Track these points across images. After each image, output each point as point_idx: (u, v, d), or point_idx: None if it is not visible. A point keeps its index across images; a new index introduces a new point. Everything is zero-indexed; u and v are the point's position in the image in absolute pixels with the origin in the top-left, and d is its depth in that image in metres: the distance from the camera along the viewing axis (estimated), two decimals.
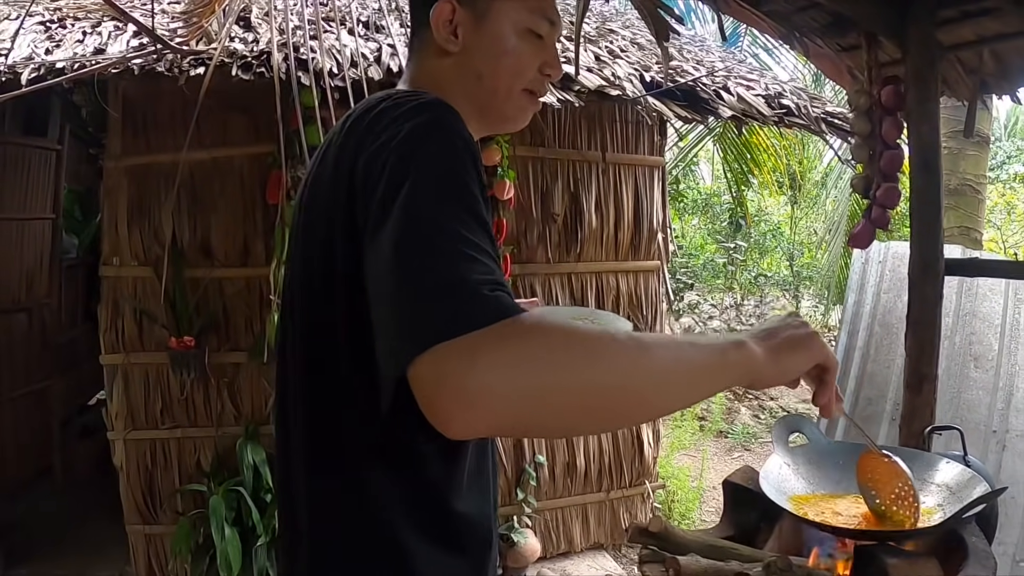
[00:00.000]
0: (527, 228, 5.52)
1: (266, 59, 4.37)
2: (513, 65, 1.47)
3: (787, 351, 1.22)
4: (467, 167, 1.17)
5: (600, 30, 6.34)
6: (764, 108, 5.37)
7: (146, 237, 4.92)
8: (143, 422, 5.04)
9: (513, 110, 1.52)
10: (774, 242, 13.22)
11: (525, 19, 1.46)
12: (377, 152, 1.19)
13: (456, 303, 1.00)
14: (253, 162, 4.91)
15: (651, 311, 5.95)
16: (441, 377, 0.96)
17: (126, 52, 4.40)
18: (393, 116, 1.24)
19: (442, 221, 1.08)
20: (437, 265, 1.04)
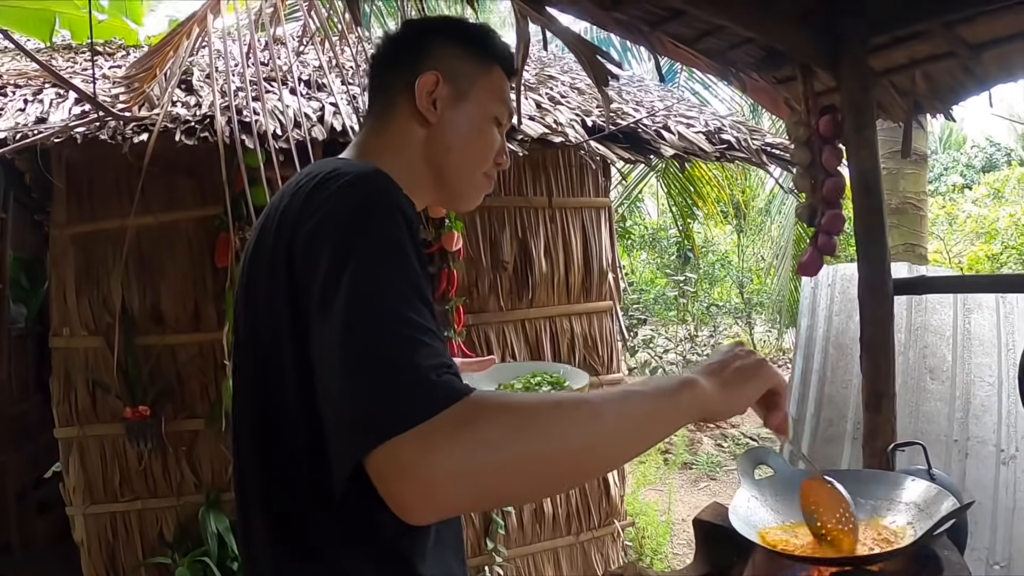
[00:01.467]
0: (478, 278, 5.53)
1: (209, 123, 4.36)
2: (481, 147, 1.56)
3: (738, 383, 1.26)
4: (406, 241, 1.19)
5: (539, 76, 6.40)
6: (705, 144, 5.44)
7: (95, 306, 4.86)
8: (102, 495, 4.95)
9: (470, 189, 1.59)
10: (723, 271, 13.35)
11: (495, 108, 1.57)
12: (317, 227, 1.21)
13: (407, 393, 1.02)
14: (200, 225, 4.87)
15: (606, 351, 5.97)
16: (399, 470, 0.98)
17: (68, 120, 4.37)
18: (332, 189, 1.25)
19: (387, 305, 1.10)
20: (385, 354, 1.05)
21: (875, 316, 3.16)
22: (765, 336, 13.70)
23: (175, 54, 4.69)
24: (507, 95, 1.60)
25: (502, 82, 1.59)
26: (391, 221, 1.20)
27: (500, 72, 1.59)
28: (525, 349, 5.68)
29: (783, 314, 12.05)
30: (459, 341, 5.30)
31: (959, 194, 17.25)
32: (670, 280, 12.77)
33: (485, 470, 1.01)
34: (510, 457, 1.02)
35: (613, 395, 1.15)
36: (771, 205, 13.36)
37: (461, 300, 5.33)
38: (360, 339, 1.07)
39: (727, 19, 2.89)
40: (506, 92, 1.60)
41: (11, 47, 7.13)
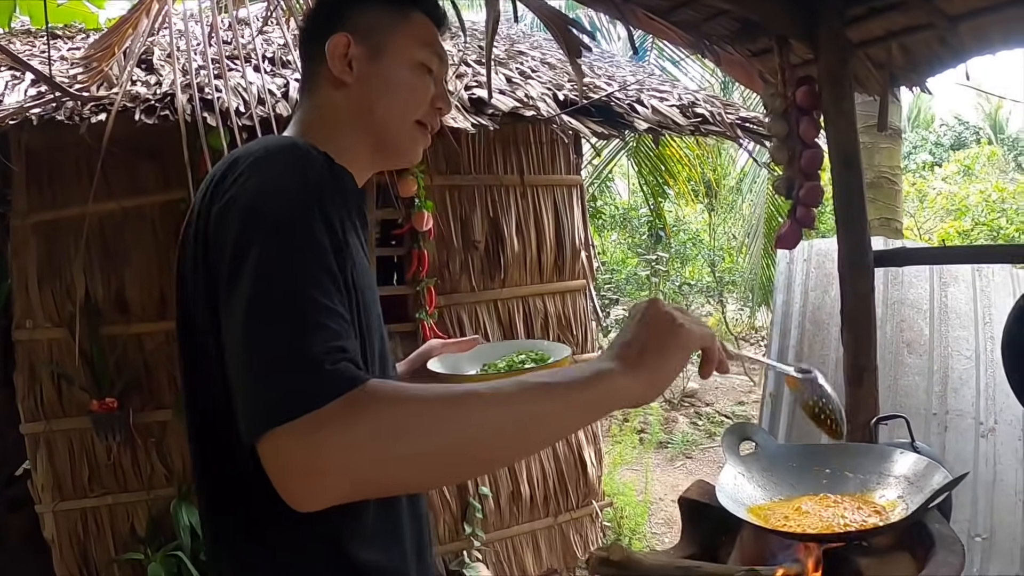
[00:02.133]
0: (449, 258, 5.46)
1: (170, 101, 4.24)
2: (405, 98, 1.52)
3: (658, 363, 1.17)
4: (313, 217, 1.17)
5: (509, 52, 6.32)
6: (679, 118, 5.36)
7: (59, 296, 4.76)
8: (71, 492, 4.86)
9: (406, 142, 1.55)
10: (695, 250, 13.35)
11: (417, 54, 1.52)
12: (224, 210, 1.21)
13: (296, 382, 1.02)
14: (165, 209, 4.78)
15: (580, 330, 5.95)
16: (283, 458, 1.01)
17: (24, 102, 4.26)
18: (241, 169, 1.24)
19: (289, 287, 1.10)
20: (280, 340, 1.05)
21: (856, 289, 3.13)
22: (737, 315, 13.74)
23: (134, 31, 4.56)
24: (432, 39, 1.56)
25: (424, 28, 1.55)
26: (296, 199, 1.19)
27: (422, 18, 1.55)
28: (498, 330, 5.62)
29: (755, 292, 12.08)
30: (431, 323, 5.24)
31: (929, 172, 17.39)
32: (642, 260, 12.76)
33: (370, 462, 1.02)
34: (396, 451, 1.03)
35: (515, 387, 1.12)
36: (742, 184, 13.36)
37: (432, 281, 5.26)
38: (257, 324, 1.08)
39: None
40: (431, 37, 1.56)
41: None
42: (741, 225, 13.52)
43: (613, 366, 1.14)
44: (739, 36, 3.29)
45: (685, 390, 10.83)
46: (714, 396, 11.04)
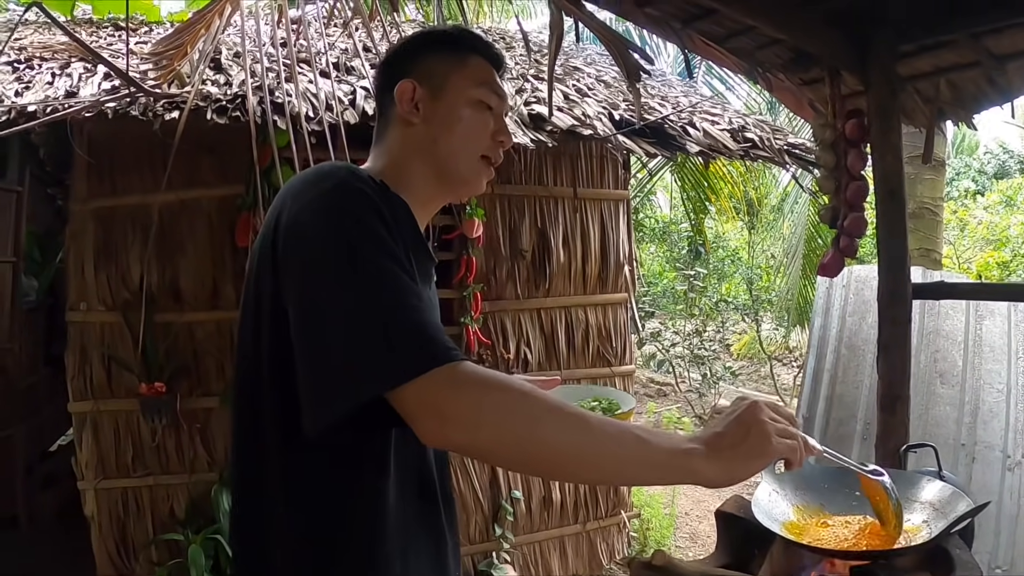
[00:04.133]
0: (496, 265, 5.56)
1: (241, 103, 4.36)
2: (466, 131, 1.62)
3: (740, 462, 1.26)
4: (379, 229, 1.33)
5: (566, 68, 6.40)
6: (730, 142, 5.44)
7: (113, 281, 4.87)
8: (114, 470, 4.95)
9: (469, 172, 1.66)
10: (733, 267, 13.29)
11: (476, 92, 1.63)
12: (292, 225, 1.36)
13: (433, 343, 1.21)
14: (222, 204, 4.88)
15: (620, 342, 6.01)
16: (430, 399, 1.19)
17: (98, 95, 4.36)
18: (300, 188, 1.41)
19: (384, 275, 1.27)
20: (405, 312, 1.23)
21: (893, 319, 3.17)
22: (771, 334, 13.67)
23: (207, 32, 4.67)
24: (489, 79, 1.65)
25: (480, 69, 1.66)
26: (369, 215, 1.34)
27: (478, 60, 1.66)
28: (540, 338, 5.72)
29: (791, 313, 12.00)
30: (475, 328, 5.32)
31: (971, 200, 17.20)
32: (680, 274, 12.74)
33: (490, 428, 1.20)
34: (510, 428, 1.20)
35: (616, 429, 1.25)
36: (784, 203, 13.33)
37: (479, 287, 5.37)
38: (369, 302, 1.24)
39: (759, 20, 2.90)
40: (488, 76, 1.66)
41: (34, 19, 7.16)
42: (780, 244, 13.47)
43: (702, 449, 1.25)
44: (791, 65, 3.35)
45: (716, 407, 10.81)
46: None
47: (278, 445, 1.40)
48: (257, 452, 1.45)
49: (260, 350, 1.41)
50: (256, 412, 1.44)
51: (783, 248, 12.86)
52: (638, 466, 1.25)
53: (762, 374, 13.24)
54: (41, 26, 6.63)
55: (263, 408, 1.42)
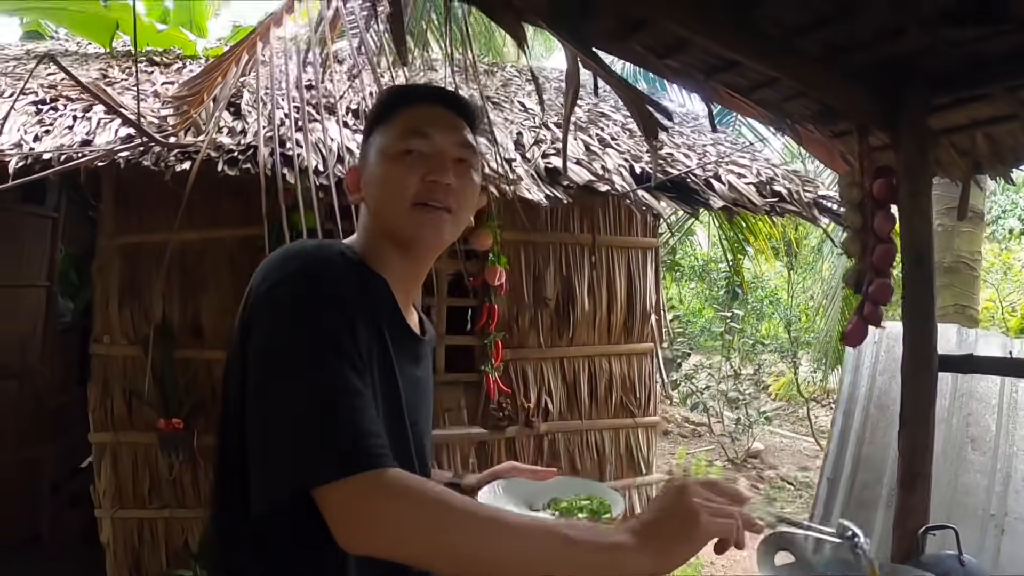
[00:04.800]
0: (519, 313, 5.52)
1: (252, 154, 4.38)
2: (388, 186, 1.57)
3: (673, 548, 1.23)
4: (335, 318, 1.34)
5: (592, 114, 6.35)
6: (755, 197, 5.33)
7: (137, 316, 4.94)
8: (131, 501, 5.02)
9: (410, 227, 1.56)
10: (771, 308, 13.15)
11: (397, 145, 1.57)
12: (258, 305, 1.38)
13: (357, 449, 1.22)
14: (244, 244, 4.90)
15: (644, 393, 5.94)
16: (345, 506, 1.22)
17: (114, 142, 4.42)
18: (268, 269, 1.41)
19: (325, 373, 1.28)
20: (340, 415, 1.25)
21: (917, 392, 3.07)
22: (810, 376, 13.50)
23: (223, 80, 4.70)
24: (415, 125, 1.59)
25: (406, 119, 1.60)
26: (323, 307, 1.34)
27: (406, 112, 1.62)
28: (562, 388, 5.66)
29: (829, 355, 11.83)
30: (496, 376, 5.29)
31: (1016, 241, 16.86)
32: (717, 315, 12.62)
33: (403, 536, 1.20)
34: (422, 536, 1.21)
35: (539, 529, 1.26)
36: (824, 244, 13.16)
37: (500, 335, 5.34)
38: (304, 399, 1.26)
39: (781, 74, 2.83)
40: (413, 124, 1.59)
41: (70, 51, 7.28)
42: (820, 286, 13.29)
43: (630, 541, 1.21)
44: (820, 117, 3.27)
45: (750, 450, 10.68)
46: (779, 459, 10.86)
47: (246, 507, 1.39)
48: (232, 504, 1.45)
49: (233, 416, 1.42)
50: (231, 472, 1.44)
51: (822, 289, 12.68)
52: (567, 566, 1.23)
53: (799, 416, 13.06)
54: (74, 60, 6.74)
55: (236, 470, 1.41)
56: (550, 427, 5.60)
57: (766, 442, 11.39)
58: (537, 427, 5.52)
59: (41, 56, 4.35)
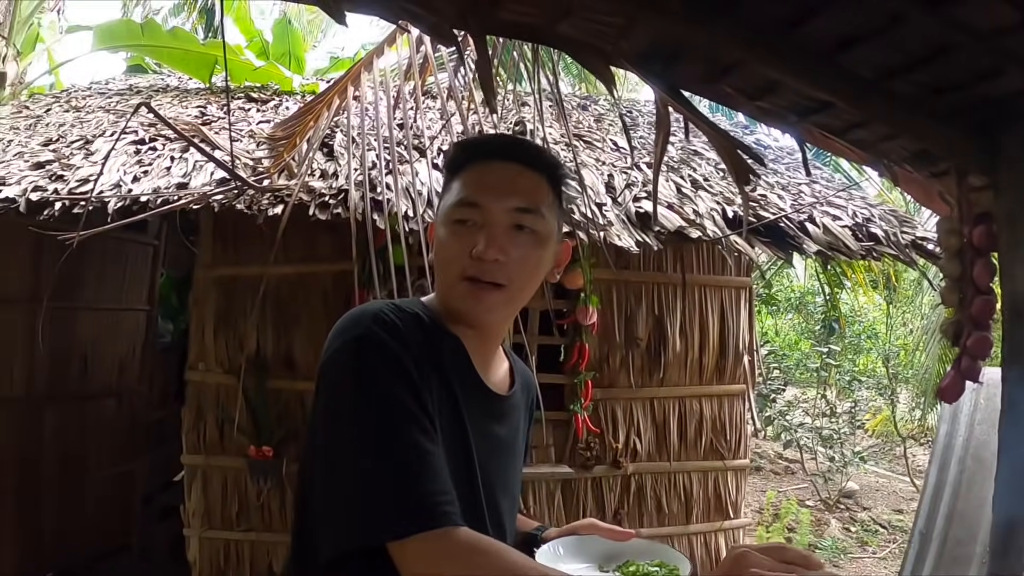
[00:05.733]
0: (610, 352, 5.47)
1: (343, 199, 4.45)
2: (443, 256, 1.57)
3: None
4: (390, 381, 1.37)
5: (684, 152, 6.27)
6: (851, 241, 5.15)
7: (231, 346, 5.06)
8: (219, 522, 5.14)
9: (456, 300, 1.55)
10: (869, 343, 12.86)
11: (451, 213, 1.56)
12: (323, 366, 1.45)
13: (432, 504, 1.29)
14: (338, 278, 4.96)
15: (734, 436, 5.83)
16: (421, 557, 1.29)
17: (209, 184, 4.55)
18: (336, 332, 1.46)
19: (394, 431, 1.33)
20: (411, 472, 1.31)
21: (1013, 461, 2.94)
22: (908, 414, 13.16)
23: (316, 123, 4.77)
24: (467, 190, 1.56)
25: (463, 184, 1.58)
26: (386, 373, 1.38)
27: (465, 174, 1.59)
28: (651, 429, 5.60)
29: (929, 392, 11.50)
30: (585, 416, 5.25)
31: None
32: (814, 350, 12.37)
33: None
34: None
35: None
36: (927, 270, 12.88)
37: (591, 375, 5.30)
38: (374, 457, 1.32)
39: (873, 117, 2.74)
40: (467, 189, 1.57)
41: (171, 87, 7.50)
42: (920, 320, 12.96)
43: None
44: (917, 158, 3.15)
45: (843, 490, 10.43)
46: (873, 500, 10.59)
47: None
48: (308, 545, 1.50)
49: (310, 469, 1.48)
50: (309, 516, 1.47)
51: (922, 324, 12.37)
52: None
53: (896, 454, 12.74)
54: (175, 96, 6.94)
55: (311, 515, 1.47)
56: (638, 468, 5.53)
57: (861, 481, 11.12)
58: (625, 467, 5.46)
59: (137, 105, 4.46)
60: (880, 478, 11.86)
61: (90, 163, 4.93)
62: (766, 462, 12.14)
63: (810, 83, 2.50)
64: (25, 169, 4.83)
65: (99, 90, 7.75)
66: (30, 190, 4.47)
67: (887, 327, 13.51)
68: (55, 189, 4.52)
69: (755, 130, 8.15)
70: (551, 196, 1.61)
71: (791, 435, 10.80)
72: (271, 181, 4.57)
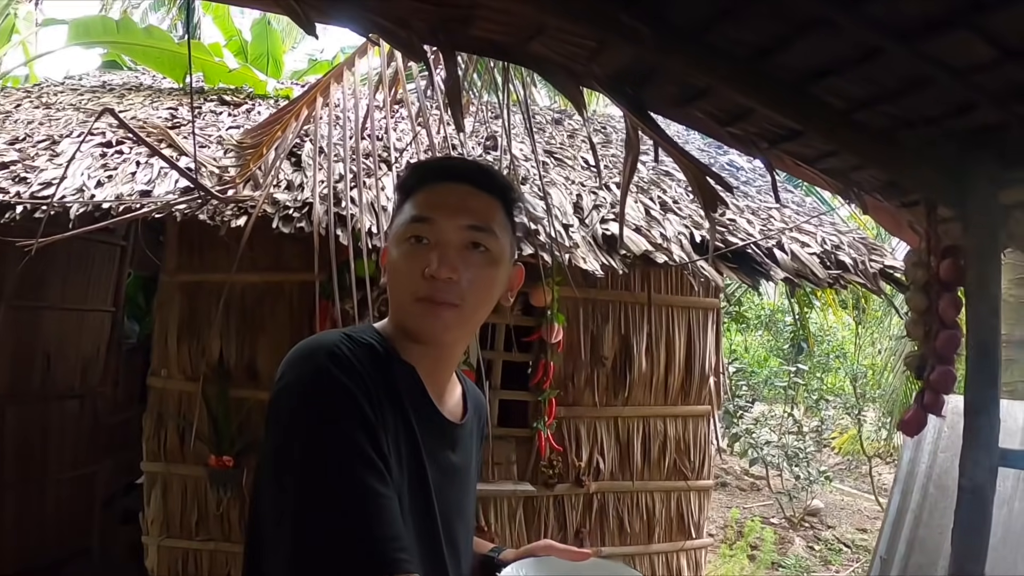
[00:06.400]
0: (575, 370, 5.45)
1: (307, 212, 4.42)
2: (396, 277, 1.52)
3: None
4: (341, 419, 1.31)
5: (656, 172, 6.28)
6: (818, 268, 5.18)
7: (194, 353, 5.00)
8: (178, 530, 5.08)
9: (413, 320, 1.51)
10: (837, 363, 12.92)
11: (401, 231, 1.53)
12: (272, 402, 1.38)
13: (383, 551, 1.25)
14: (304, 288, 4.90)
15: (699, 456, 5.82)
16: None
17: (173, 192, 4.51)
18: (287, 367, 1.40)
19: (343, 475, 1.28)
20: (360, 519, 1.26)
21: (973, 489, 2.93)
22: (874, 433, 13.20)
23: (283, 135, 4.74)
24: (421, 209, 1.53)
25: (418, 202, 1.54)
26: (337, 412, 1.32)
27: (421, 193, 1.56)
28: (615, 448, 5.58)
29: (896, 412, 11.55)
30: (548, 433, 5.24)
31: None
32: (783, 369, 12.42)
33: None
34: None
35: None
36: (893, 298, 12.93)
37: (555, 392, 5.29)
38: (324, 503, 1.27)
39: (843, 148, 2.73)
40: (420, 207, 1.53)
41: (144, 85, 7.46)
42: (888, 341, 13.02)
43: None
44: (888, 188, 3.15)
45: (808, 508, 10.46)
46: (837, 519, 10.64)
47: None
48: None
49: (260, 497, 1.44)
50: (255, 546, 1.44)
51: (890, 345, 12.42)
52: None
53: (861, 472, 12.81)
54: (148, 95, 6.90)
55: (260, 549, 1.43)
56: (600, 487, 5.51)
57: (826, 500, 11.17)
58: (587, 486, 5.44)
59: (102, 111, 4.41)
60: (845, 496, 11.92)
61: (54, 165, 4.86)
62: (732, 478, 12.18)
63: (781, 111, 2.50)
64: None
65: (72, 86, 7.69)
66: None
67: (856, 347, 13.57)
68: (17, 192, 4.46)
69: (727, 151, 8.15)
70: (503, 217, 1.59)
71: (758, 452, 10.82)
72: (236, 191, 4.53)
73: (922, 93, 2.36)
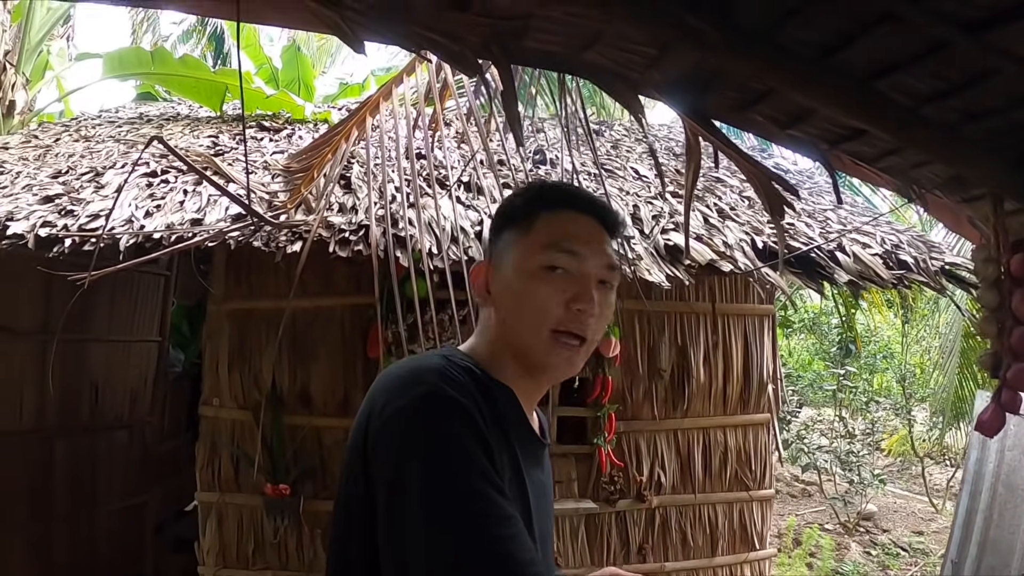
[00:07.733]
0: (633, 384, 5.38)
1: (364, 235, 4.36)
2: (527, 305, 1.47)
3: None
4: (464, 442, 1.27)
5: (708, 179, 6.18)
6: (882, 269, 5.03)
7: (246, 381, 4.97)
8: (234, 560, 5.03)
9: (544, 354, 1.48)
10: (885, 363, 12.75)
11: (539, 259, 1.48)
12: (380, 429, 1.32)
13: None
14: (355, 313, 4.90)
15: (759, 465, 5.72)
16: None
17: (224, 219, 4.46)
18: (391, 392, 1.34)
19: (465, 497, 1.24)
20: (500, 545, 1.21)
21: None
22: (925, 434, 13.01)
23: (333, 157, 4.69)
24: (559, 237, 1.49)
25: (549, 228, 1.51)
26: (458, 434, 1.27)
27: (548, 218, 1.52)
28: (675, 461, 5.50)
29: (947, 411, 11.36)
30: (608, 449, 5.16)
31: None
32: (830, 372, 12.27)
33: None
34: None
35: None
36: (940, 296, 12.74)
37: (614, 407, 5.21)
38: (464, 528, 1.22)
39: (909, 143, 2.63)
40: (557, 235, 1.49)
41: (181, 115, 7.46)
42: (937, 339, 12.83)
43: None
44: (950, 184, 3.05)
45: (862, 513, 10.29)
46: (892, 522, 10.46)
47: None
48: None
49: (350, 544, 1.40)
50: (353, 570, 1.40)
51: (939, 343, 12.23)
52: None
53: (913, 473, 12.64)
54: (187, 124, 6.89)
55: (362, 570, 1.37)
56: (662, 501, 5.42)
57: (879, 503, 10.99)
58: (649, 501, 5.35)
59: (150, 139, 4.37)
60: (898, 499, 11.74)
61: (100, 197, 4.83)
62: (782, 485, 12.01)
63: (846, 111, 2.41)
64: (34, 203, 4.71)
65: (109, 119, 7.70)
66: (39, 226, 4.36)
67: (903, 346, 13.37)
68: (64, 225, 4.42)
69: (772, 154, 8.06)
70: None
71: (810, 458, 10.68)
72: (288, 216, 4.47)
73: (987, 85, 2.26)
